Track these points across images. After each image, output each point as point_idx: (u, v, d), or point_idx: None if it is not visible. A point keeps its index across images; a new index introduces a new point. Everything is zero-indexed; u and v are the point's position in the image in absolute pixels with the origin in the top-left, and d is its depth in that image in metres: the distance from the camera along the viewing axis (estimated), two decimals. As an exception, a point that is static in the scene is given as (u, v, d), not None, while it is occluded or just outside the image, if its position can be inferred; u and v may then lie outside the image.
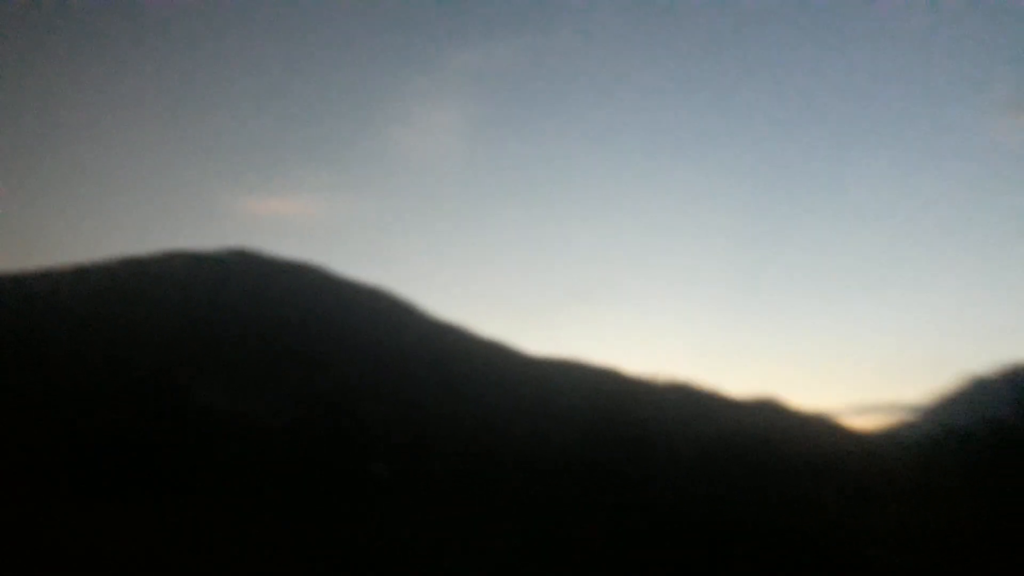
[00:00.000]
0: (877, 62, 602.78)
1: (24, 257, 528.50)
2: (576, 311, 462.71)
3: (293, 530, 34.17)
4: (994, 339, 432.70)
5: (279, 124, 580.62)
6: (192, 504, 39.33)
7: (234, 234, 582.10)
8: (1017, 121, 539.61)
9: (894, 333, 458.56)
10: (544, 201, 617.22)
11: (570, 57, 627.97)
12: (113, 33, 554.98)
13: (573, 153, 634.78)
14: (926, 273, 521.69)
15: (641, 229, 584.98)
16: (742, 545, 28.28)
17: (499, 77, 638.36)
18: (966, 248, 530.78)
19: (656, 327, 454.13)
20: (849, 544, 24.65)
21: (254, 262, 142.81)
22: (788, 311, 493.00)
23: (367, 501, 48.42)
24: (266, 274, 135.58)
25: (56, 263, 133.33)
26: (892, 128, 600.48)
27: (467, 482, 62.46)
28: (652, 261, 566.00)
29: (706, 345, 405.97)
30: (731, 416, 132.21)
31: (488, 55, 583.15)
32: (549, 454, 78.92)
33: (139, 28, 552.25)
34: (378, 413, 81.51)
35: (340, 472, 57.92)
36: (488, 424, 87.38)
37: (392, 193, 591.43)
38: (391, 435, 76.14)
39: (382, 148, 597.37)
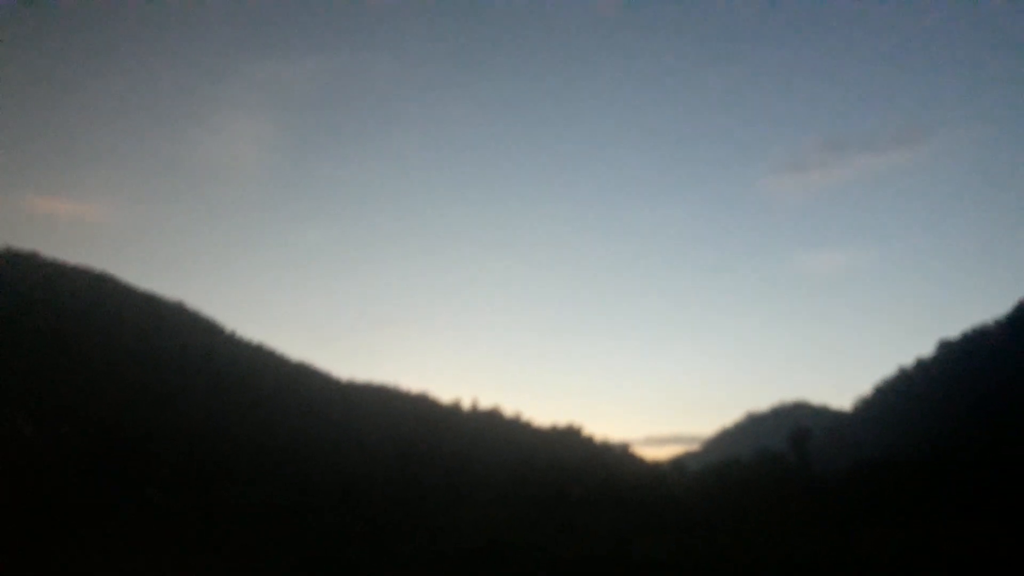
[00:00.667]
0: (668, 120, 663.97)
1: None
2: (386, 336, 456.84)
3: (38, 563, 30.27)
4: (766, 381, 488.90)
5: (69, 119, 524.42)
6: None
7: (5, 233, 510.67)
8: (791, 179, 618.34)
9: (683, 374, 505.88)
10: (352, 220, 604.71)
11: (384, 76, 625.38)
12: None
13: (384, 173, 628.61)
14: (709, 321, 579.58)
15: (452, 255, 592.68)
16: (532, 568, 29.13)
17: (310, 90, 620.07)
18: (743, 296, 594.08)
19: (465, 354, 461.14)
20: (636, 569, 26.08)
21: (26, 264, 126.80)
22: (590, 349, 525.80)
23: (136, 531, 43.65)
24: (41, 279, 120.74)
25: None
26: (684, 183, 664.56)
27: (260, 509, 58.92)
28: (463, 289, 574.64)
29: (514, 375, 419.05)
30: (535, 443, 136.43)
31: (299, 68, 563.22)
32: (357, 480, 76.89)
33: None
34: (167, 437, 75.01)
35: (111, 497, 52.28)
36: (293, 450, 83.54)
37: (192, 202, 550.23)
38: (180, 460, 70.32)
39: (182, 154, 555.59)
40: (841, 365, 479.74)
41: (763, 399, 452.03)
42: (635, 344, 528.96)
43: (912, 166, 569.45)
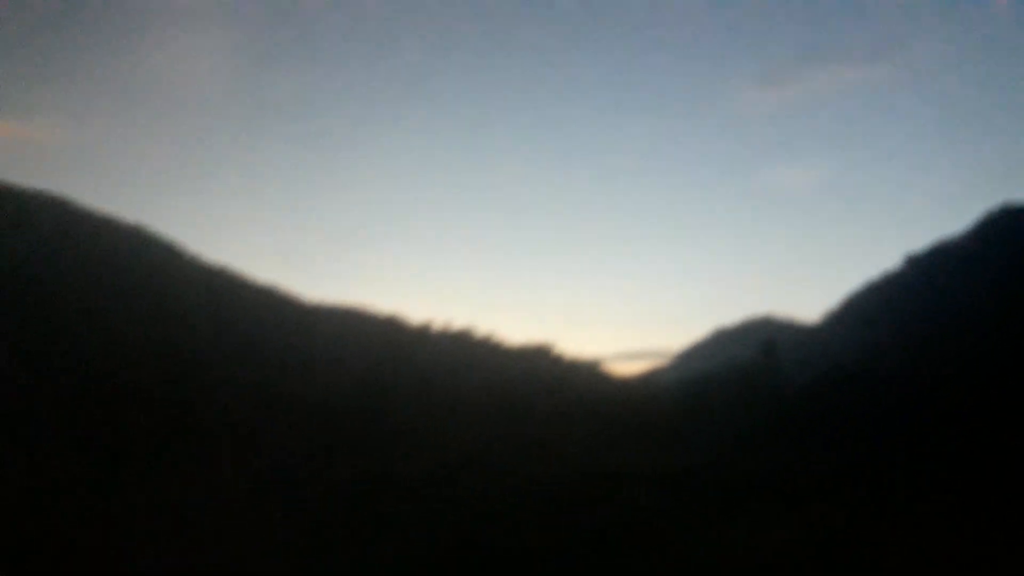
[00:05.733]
0: (640, 32, 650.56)
1: None
2: (354, 256, 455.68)
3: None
4: (735, 296, 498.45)
5: (10, 38, 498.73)
6: None
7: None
8: (764, 93, 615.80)
9: (654, 289, 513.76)
10: (314, 137, 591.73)
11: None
12: None
13: (346, 89, 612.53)
14: (680, 236, 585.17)
15: (418, 174, 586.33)
16: (499, 488, 29.16)
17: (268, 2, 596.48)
18: (713, 211, 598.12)
19: (436, 273, 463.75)
20: (606, 483, 26.15)
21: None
22: (562, 266, 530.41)
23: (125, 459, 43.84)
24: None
25: None
26: (652, 96, 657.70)
27: (233, 435, 59.22)
28: (430, 210, 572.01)
29: (487, 293, 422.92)
30: (505, 363, 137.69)
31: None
32: (327, 404, 77.09)
33: None
34: (143, 364, 74.17)
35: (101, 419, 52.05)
36: (262, 374, 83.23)
37: (145, 121, 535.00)
38: (151, 388, 69.81)
39: (133, 71, 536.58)
40: (809, 280, 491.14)
41: (731, 314, 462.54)
42: (606, 260, 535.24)
43: (886, 80, 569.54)
